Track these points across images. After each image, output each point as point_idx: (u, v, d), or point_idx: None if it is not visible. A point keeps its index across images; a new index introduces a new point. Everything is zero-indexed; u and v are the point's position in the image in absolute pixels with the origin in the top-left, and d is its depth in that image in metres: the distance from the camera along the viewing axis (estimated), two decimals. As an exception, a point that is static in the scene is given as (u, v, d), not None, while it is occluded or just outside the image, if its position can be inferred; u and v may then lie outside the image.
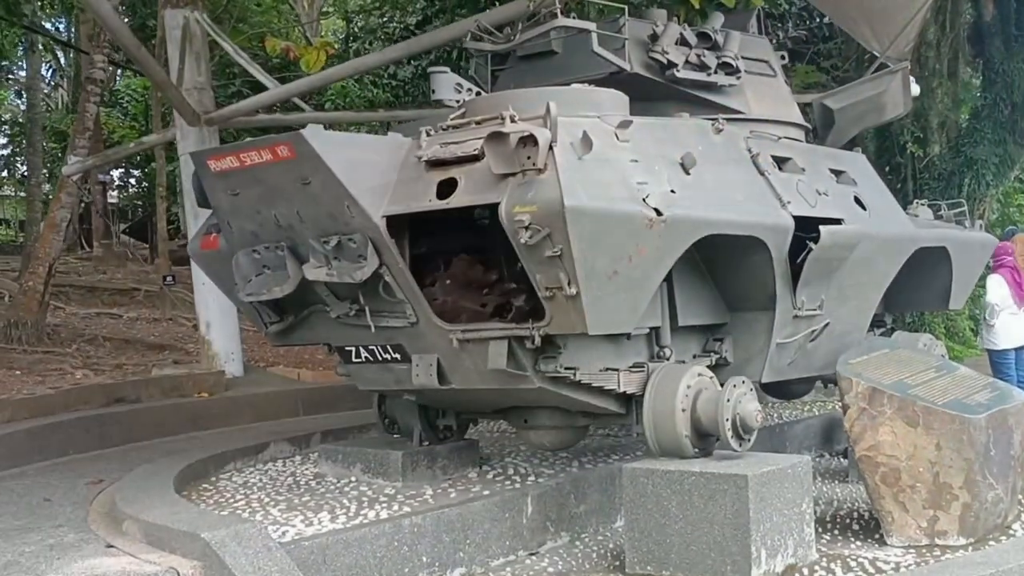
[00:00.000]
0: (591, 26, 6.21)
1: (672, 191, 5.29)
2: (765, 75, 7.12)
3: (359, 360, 5.87)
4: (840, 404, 5.94)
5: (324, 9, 22.38)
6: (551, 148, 4.79)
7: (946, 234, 7.83)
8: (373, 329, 5.53)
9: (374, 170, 5.19)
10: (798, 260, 6.07)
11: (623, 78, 6.30)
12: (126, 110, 26.23)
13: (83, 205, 23.54)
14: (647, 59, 6.46)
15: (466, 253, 5.82)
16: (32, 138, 20.29)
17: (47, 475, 6.85)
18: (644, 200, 5.06)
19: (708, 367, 6.00)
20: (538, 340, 5.12)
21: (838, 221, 6.30)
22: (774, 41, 7.70)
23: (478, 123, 5.23)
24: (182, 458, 6.81)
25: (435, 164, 5.17)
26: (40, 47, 23.22)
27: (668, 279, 5.72)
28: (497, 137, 4.81)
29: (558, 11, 6.00)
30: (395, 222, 5.26)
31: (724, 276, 6.13)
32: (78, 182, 12.68)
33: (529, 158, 4.77)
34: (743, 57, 6.79)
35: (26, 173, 21.93)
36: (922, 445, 5.49)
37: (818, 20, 14.54)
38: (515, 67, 6.87)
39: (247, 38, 16.92)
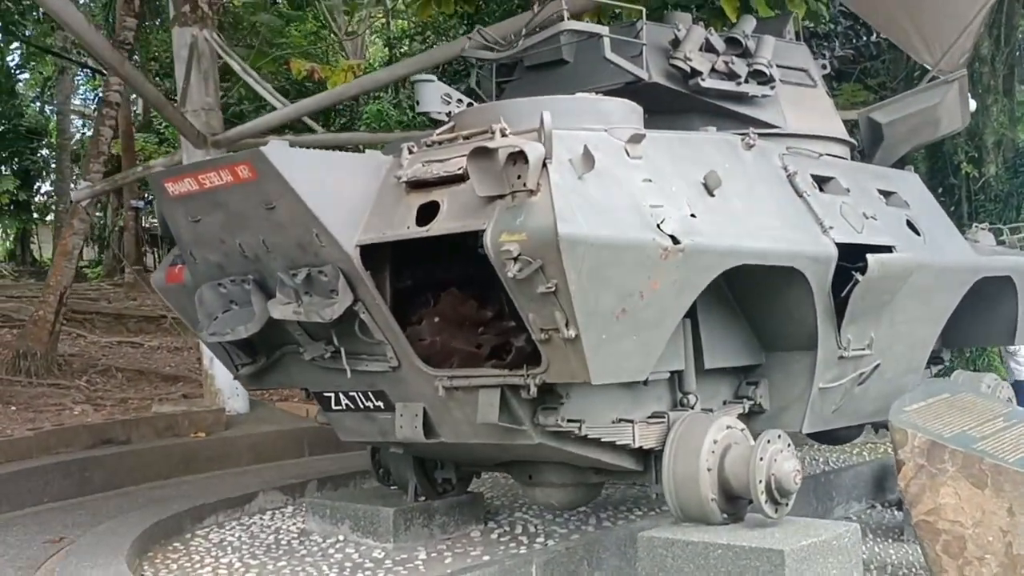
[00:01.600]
0: (603, 30, 5.53)
1: (692, 215, 4.64)
2: (803, 85, 6.43)
3: (339, 408, 5.23)
4: (894, 459, 5.23)
5: (361, 31, 21.98)
6: (545, 166, 4.12)
7: (1011, 262, 7.14)
8: (349, 374, 4.87)
9: (347, 193, 4.58)
10: (843, 293, 5.42)
11: (641, 88, 5.64)
12: (163, 136, 26.12)
13: (119, 231, 23.40)
14: (668, 67, 5.79)
15: (460, 286, 5.13)
16: (61, 164, 20.10)
17: (7, 530, 6.25)
18: (658, 226, 4.42)
19: (741, 415, 5.40)
20: (534, 390, 4.41)
21: (889, 248, 5.66)
22: (820, 61, 6.97)
23: (466, 138, 4.57)
24: (156, 511, 6.21)
25: (416, 185, 4.54)
26: (89, 73, 23.18)
27: (692, 316, 5.09)
28: (482, 153, 4.14)
29: (565, 14, 5.31)
30: (373, 252, 4.63)
31: (758, 312, 5.49)
32: (93, 206, 12.25)
33: (519, 177, 4.09)
34: (778, 65, 6.13)
35: (53, 197, 21.78)
36: (991, 510, 4.86)
37: (865, 39, 14.10)
38: (523, 78, 6.22)
39: (272, 59, 16.49)
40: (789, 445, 4.91)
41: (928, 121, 7.04)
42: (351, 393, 5.12)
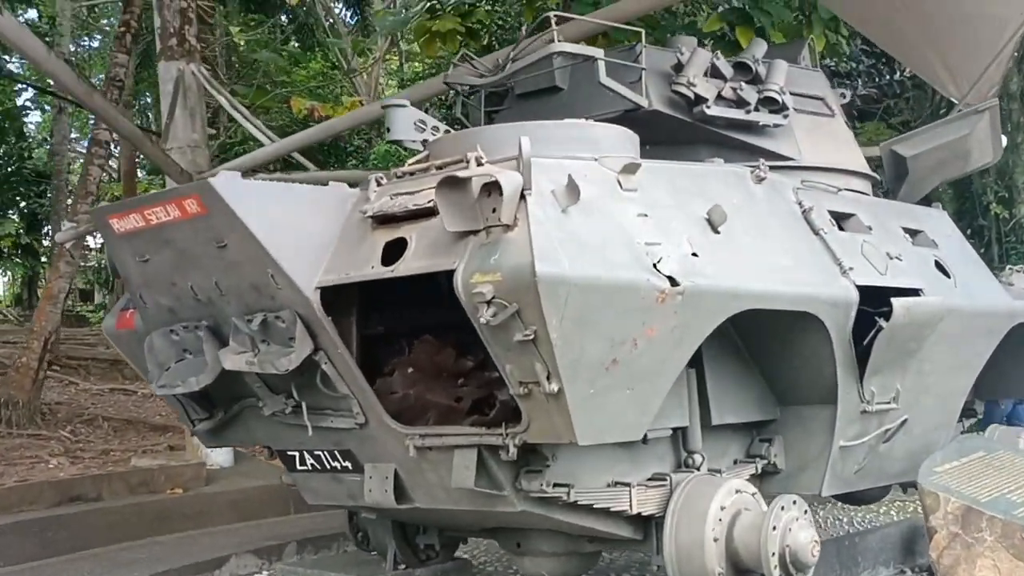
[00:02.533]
0: (597, 53, 5.08)
1: (694, 254, 4.15)
2: (820, 114, 5.95)
3: (304, 468, 4.72)
4: (925, 525, 4.71)
5: (366, 69, 21.79)
6: (523, 197, 3.65)
7: (1051, 306, 6.51)
8: (311, 431, 4.37)
9: (307, 229, 4.12)
10: (865, 341, 4.92)
11: (641, 116, 5.18)
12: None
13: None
14: (670, 93, 5.33)
15: (437, 332, 4.63)
16: (57, 205, 19.87)
17: (-51, 600, 5.75)
18: (654, 266, 3.92)
19: (753, 477, 4.88)
20: (514, 451, 3.90)
21: (915, 292, 5.16)
22: (839, 91, 6.52)
23: (439, 168, 4.10)
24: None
25: (382, 220, 4.07)
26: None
27: (697, 366, 4.59)
28: (452, 184, 3.66)
29: (555, 35, 4.86)
30: (338, 294, 4.15)
31: (770, 362, 4.97)
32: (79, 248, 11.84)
33: (494, 211, 3.62)
34: (792, 92, 5.66)
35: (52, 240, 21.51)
36: (1037, 587, 4.37)
37: (888, 77, 13.80)
38: (513, 107, 5.76)
39: (275, 98, 16.23)
40: (806, 512, 4.40)
41: (957, 154, 6.53)
42: (316, 452, 4.61)
